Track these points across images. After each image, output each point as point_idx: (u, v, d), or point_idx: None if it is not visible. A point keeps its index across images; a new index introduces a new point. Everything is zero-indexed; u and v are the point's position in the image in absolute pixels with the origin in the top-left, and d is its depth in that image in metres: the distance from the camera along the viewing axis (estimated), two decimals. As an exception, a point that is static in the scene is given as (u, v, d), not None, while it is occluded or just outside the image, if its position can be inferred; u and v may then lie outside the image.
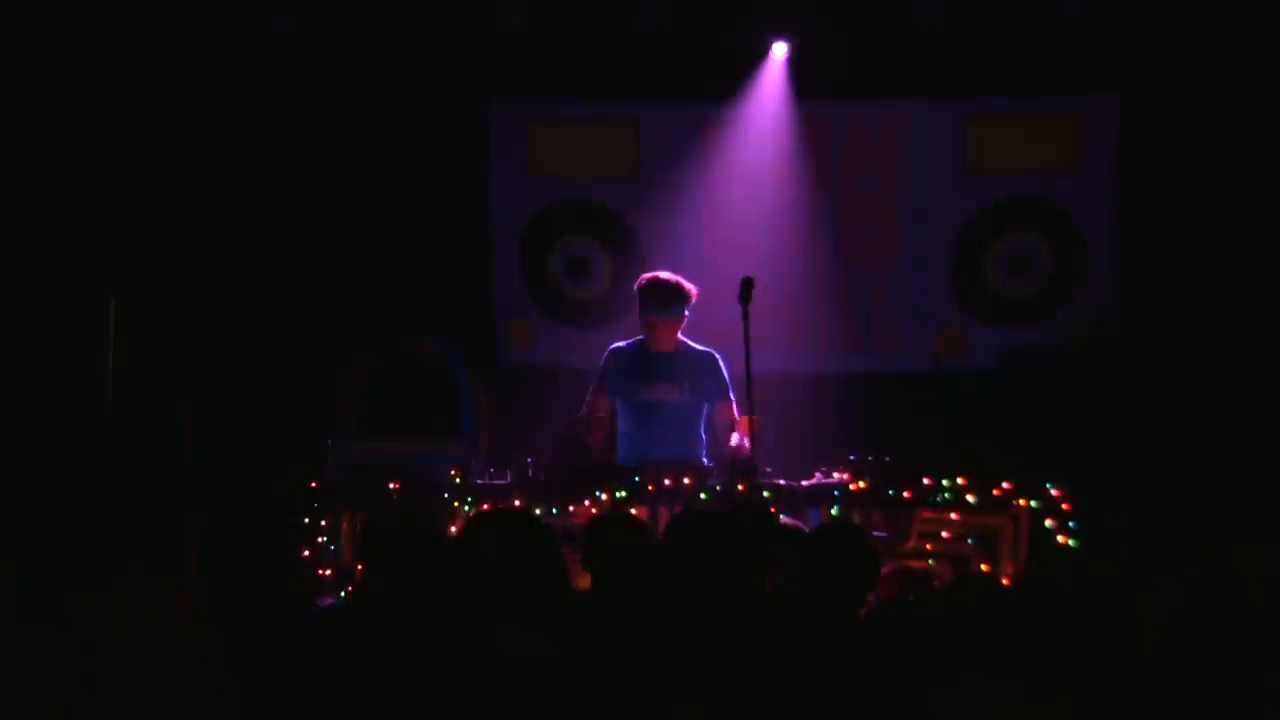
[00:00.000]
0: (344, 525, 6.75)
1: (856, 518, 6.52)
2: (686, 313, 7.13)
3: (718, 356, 7.27)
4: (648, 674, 3.80)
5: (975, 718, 3.96)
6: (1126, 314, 9.34)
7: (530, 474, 6.73)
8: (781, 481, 6.73)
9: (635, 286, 7.26)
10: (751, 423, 6.82)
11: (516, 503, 6.54)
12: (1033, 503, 6.58)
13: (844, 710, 3.89)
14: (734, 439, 7.01)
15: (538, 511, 6.50)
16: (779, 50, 9.47)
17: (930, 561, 6.58)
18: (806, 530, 5.77)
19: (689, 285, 7.14)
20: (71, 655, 3.65)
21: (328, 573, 6.61)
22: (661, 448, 7.03)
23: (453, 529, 6.33)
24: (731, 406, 7.23)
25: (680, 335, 7.20)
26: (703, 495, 6.52)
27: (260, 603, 4.29)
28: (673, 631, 3.97)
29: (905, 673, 3.96)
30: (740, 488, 6.49)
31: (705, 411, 7.24)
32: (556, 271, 9.80)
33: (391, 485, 6.72)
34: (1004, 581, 6.40)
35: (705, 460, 7.16)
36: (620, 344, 7.37)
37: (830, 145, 9.68)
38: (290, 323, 9.32)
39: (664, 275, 7.22)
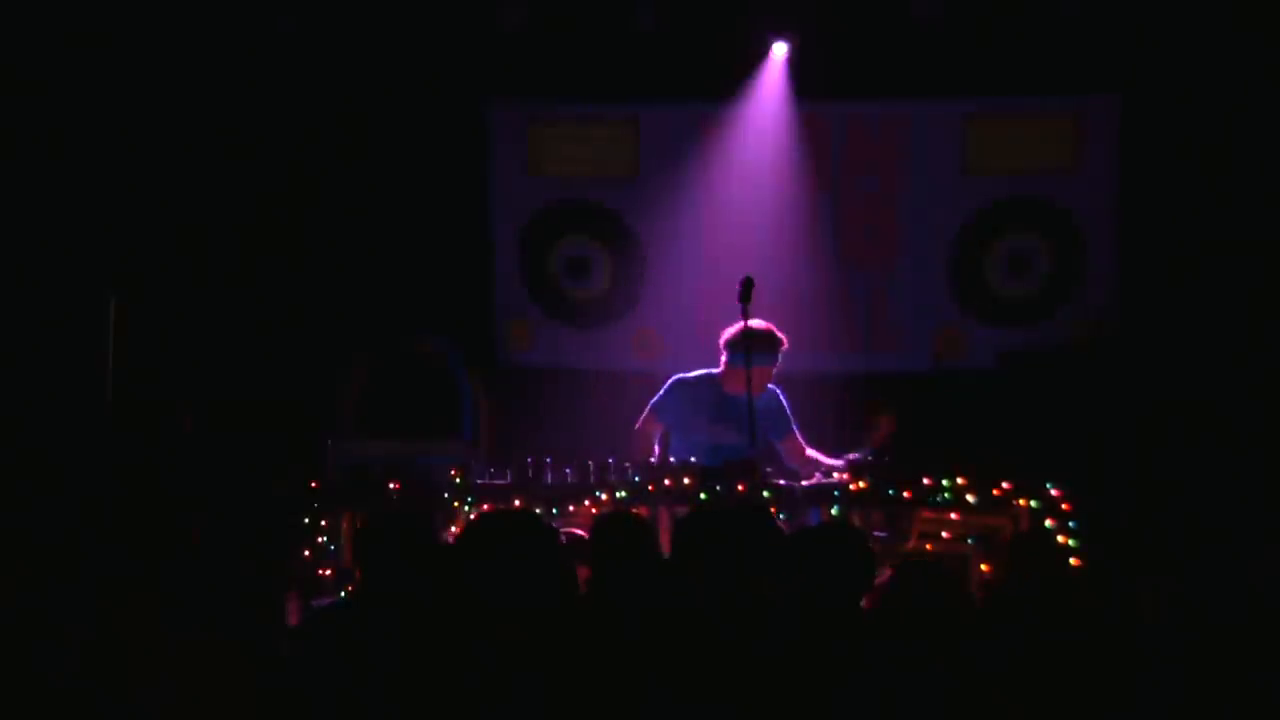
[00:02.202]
0: (344, 525, 6.76)
1: (856, 518, 6.53)
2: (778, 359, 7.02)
3: (779, 393, 7.24)
4: (649, 674, 3.80)
5: (976, 717, 3.96)
6: (1126, 314, 9.34)
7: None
8: (781, 481, 6.73)
9: (730, 335, 7.04)
10: (889, 423, 6.83)
11: (516, 503, 6.54)
12: (1033, 503, 6.58)
13: (846, 710, 3.89)
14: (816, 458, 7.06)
15: (538, 511, 6.50)
16: (779, 50, 9.48)
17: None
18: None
19: (779, 333, 7.04)
20: (71, 653, 3.65)
21: (328, 573, 6.62)
22: None
23: (453, 529, 6.35)
24: (796, 437, 7.22)
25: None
26: (703, 495, 6.53)
27: (260, 602, 4.29)
28: (675, 632, 3.97)
29: (907, 673, 3.96)
30: (740, 488, 6.49)
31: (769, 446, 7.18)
32: (556, 271, 9.80)
33: (391, 485, 6.74)
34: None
35: None
36: (686, 376, 7.25)
37: (830, 145, 9.68)
38: (290, 322, 9.32)
39: (762, 324, 6.99)
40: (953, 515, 6.62)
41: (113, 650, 3.68)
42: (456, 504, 6.69)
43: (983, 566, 6.51)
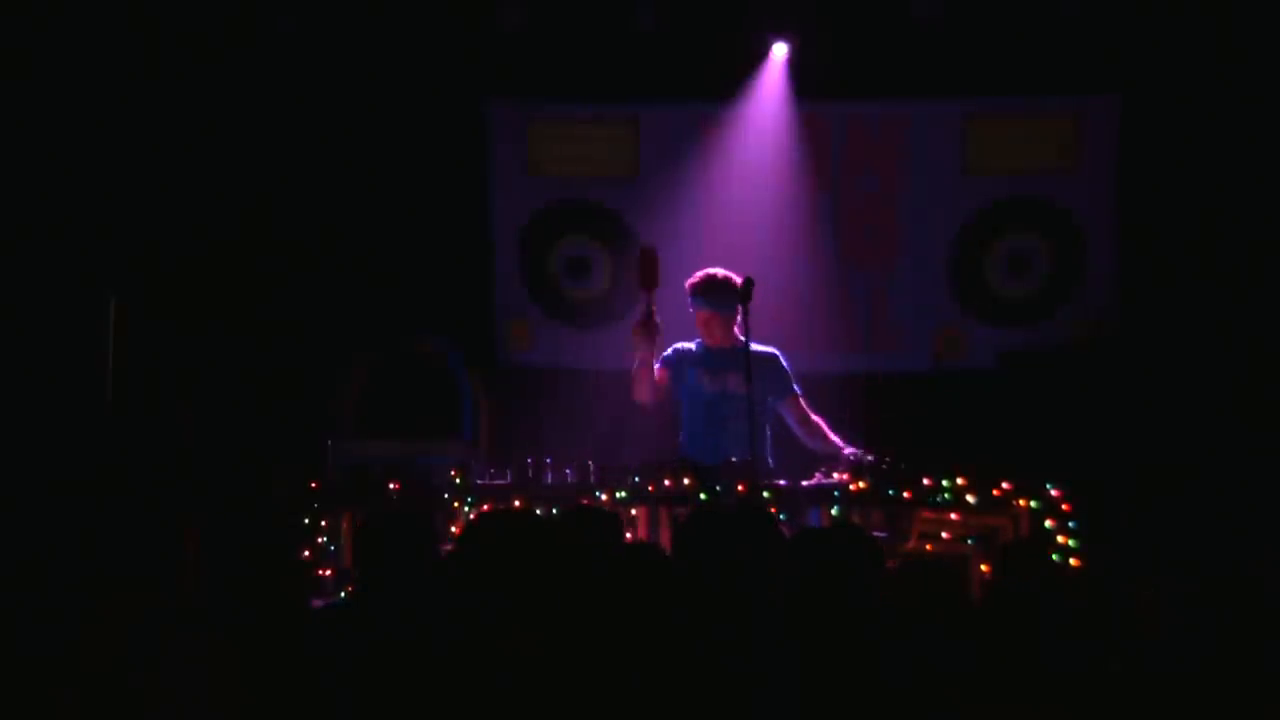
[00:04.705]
0: (344, 525, 6.76)
1: (856, 518, 6.53)
2: (738, 306, 6.96)
3: (779, 354, 7.28)
4: (649, 675, 3.80)
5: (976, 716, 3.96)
6: (1126, 314, 9.34)
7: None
8: (782, 482, 6.73)
9: (687, 283, 7.23)
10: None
11: (516, 503, 6.54)
12: (1033, 503, 6.58)
13: (847, 710, 3.89)
14: (835, 439, 7.10)
15: (538, 512, 6.50)
16: (779, 50, 9.47)
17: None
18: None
19: (737, 278, 6.99)
20: (72, 654, 3.66)
21: (328, 573, 6.62)
22: (729, 444, 6.91)
23: (453, 529, 6.35)
24: (800, 401, 7.26)
25: (739, 334, 7.08)
26: (703, 495, 6.53)
27: (260, 603, 4.29)
28: (675, 632, 3.97)
29: (910, 673, 3.96)
30: (740, 488, 6.49)
31: (773, 409, 7.24)
32: (556, 271, 9.80)
33: (391, 485, 6.74)
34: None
35: (770, 460, 7.12)
36: (683, 344, 7.35)
37: (830, 145, 9.68)
38: (290, 322, 9.31)
39: (714, 271, 7.16)
40: (953, 515, 6.62)
41: (112, 651, 3.68)
42: (456, 504, 6.69)
43: (983, 566, 6.51)
